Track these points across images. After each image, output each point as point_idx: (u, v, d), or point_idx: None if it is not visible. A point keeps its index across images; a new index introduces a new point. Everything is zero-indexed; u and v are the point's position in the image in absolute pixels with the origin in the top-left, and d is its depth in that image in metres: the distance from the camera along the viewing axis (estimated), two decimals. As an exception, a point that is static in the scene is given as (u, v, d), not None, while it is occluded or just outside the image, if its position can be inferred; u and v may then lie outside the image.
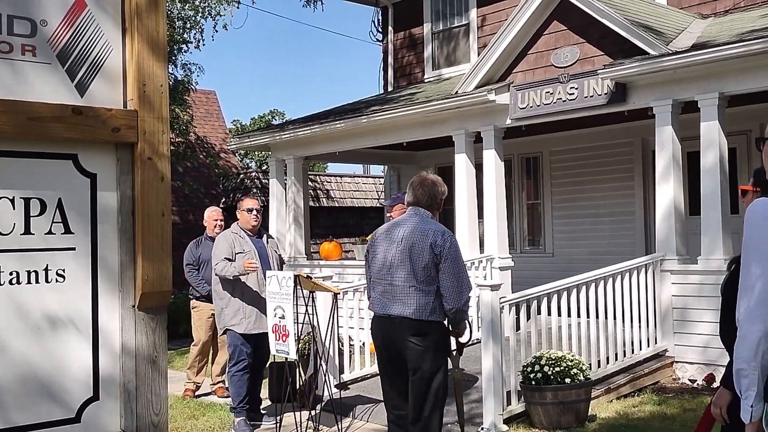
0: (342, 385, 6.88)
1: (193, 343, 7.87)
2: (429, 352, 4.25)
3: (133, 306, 2.48)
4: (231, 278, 6.24)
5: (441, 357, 4.34)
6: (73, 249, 2.43)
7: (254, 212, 6.47)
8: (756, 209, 2.40)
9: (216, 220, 7.82)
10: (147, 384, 2.47)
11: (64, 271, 2.40)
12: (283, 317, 5.87)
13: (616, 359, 7.02)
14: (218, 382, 7.79)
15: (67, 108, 2.38)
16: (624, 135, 10.31)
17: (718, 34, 7.81)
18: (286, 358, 6.14)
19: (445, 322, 4.41)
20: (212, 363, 7.94)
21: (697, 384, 7.09)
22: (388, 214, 6.01)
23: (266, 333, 6.17)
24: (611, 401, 6.59)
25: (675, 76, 7.56)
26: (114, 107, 2.49)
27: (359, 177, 20.46)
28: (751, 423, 2.37)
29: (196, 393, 7.84)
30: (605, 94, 8.15)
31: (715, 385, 6.69)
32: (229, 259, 6.25)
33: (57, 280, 2.39)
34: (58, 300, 2.39)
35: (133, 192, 2.50)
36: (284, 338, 5.87)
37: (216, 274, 6.35)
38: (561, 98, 8.54)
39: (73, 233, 2.43)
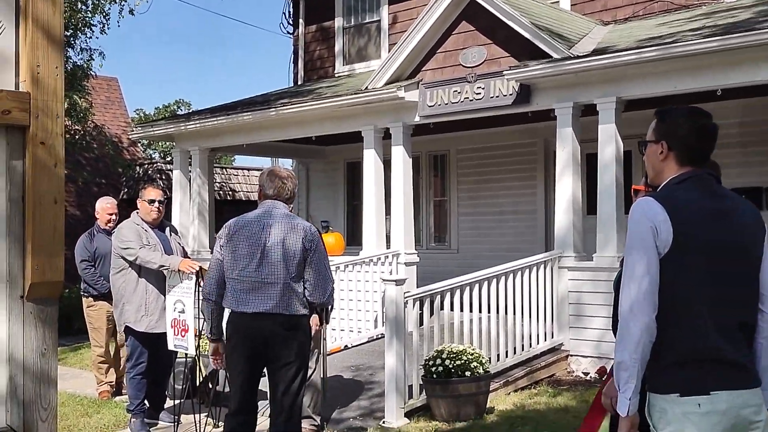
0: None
1: (94, 344, 7.45)
2: (301, 346, 4.29)
3: (22, 296, 2.37)
4: (153, 269, 5.93)
5: (308, 351, 4.47)
6: (-43, 235, 2.30)
7: (156, 203, 6.14)
8: (638, 208, 2.51)
9: (111, 214, 7.39)
10: (35, 378, 2.36)
11: (-55, 258, 2.27)
12: (183, 311, 5.72)
13: (515, 353, 7.23)
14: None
15: (-49, 87, 2.25)
16: (528, 135, 10.62)
17: (617, 40, 8.15)
18: (186, 355, 6.00)
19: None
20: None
21: (590, 376, 7.39)
22: None
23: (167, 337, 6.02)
24: (509, 393, 6.79)
25: (576, 80, 7.85)
26: (4, 88, 2.37)
27: (267, 170, 20.22)
28: (628, 416, 2.44)
29: (114, 393, 7.42)
30: (511, 94, 8.36)
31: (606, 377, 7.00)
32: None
33: (-63, 268, 2.26)
34: (-61, 289, 2.26)
35: (24, 177, 2.39)
36: (183, 333, 5.73)
37: (136, 262, 5.93)
38: (468, 97, 8.71)
39: (-43, 219, 2.30)
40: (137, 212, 6.22)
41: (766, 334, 2.52)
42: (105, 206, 7.46)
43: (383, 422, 5.92)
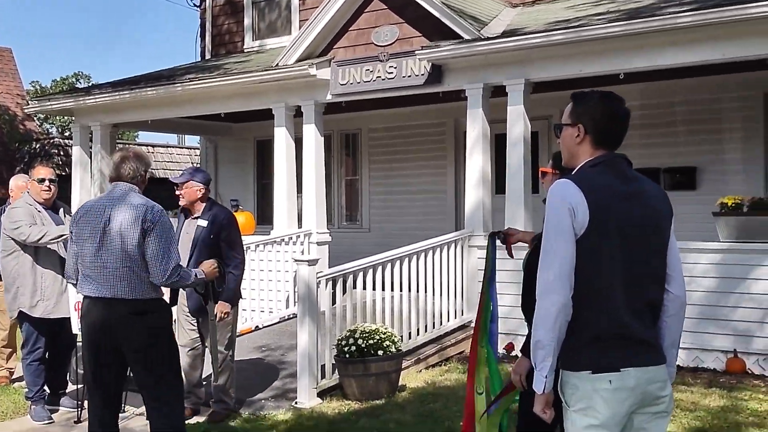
0: None
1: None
2: (153, 332, 4.03)
3: None
4: (50, 247, 5.68)
5: (164, 336, 4.14)
6: None
7: (46, 182, 5.82)
8: (555, 190, 2.56)
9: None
10: None
11: None
12: None
13: (426, 331, 7.31)
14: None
15: None
16: (439, 115, 10.70)
17: (526, 22, 8.28)
18: None
19: (166, 298, 4.37)
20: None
21: (498, 353, 7.56)
22: (177, 192, 5.68)
23: (66, 318, 5.76)
24: (420, 371, 6.86)
25: (486, 61, 7.94)
26: None
27: (173, 147, 19.69)
28: (543, 393, 2.52)
29: (12, 378, 7.04)
30: (422, 74, 8.38)
31: (514, 353, 7.18)
32: None
33: None
34: None
35: None
36: None
37: (28, 241, 5.65)
38: (380, 76, 8.68)
39: None
40: (28, 192, 5.89)
41: (671, 313, 2.63)
42: (21, 184, 6.96)
43: (296, 403, 5.88)
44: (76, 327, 5.62)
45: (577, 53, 7.44)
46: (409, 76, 8.49)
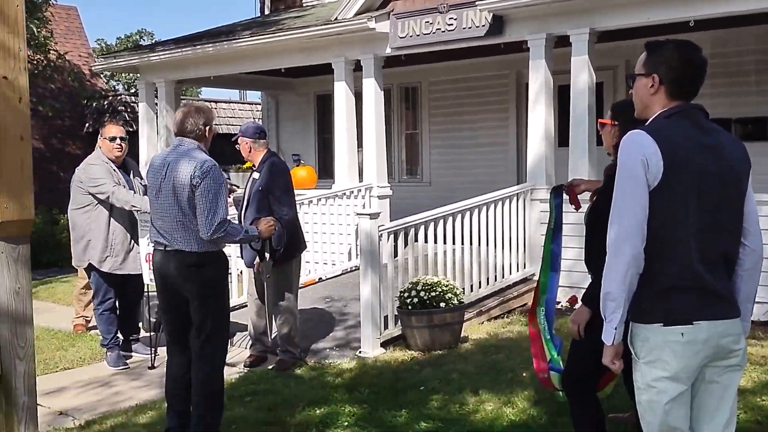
0: None
1: (80, 276, 7.35)
2: (204, 284, 4.13)
3: (-8, 235, 2.32)
4: (125, 208, 5.91)
5: (218, 289, 4.24)
6: None
7: (117, 141, 5.97)
8: (628, 141, 2.50)
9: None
10: (10, 318, 2.34)
11: None
12: None
13: (488, 283, 7.33)
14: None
15: None
16: (500, 67, 10.53)
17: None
18: None
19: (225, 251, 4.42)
20: None
21: (562, 305, 7.54)
22: (237, 147, 5.77)
23: (132, 275, 6.01)
24: (483, 323, 6.91)
25: (550, 10, 7.74)
26: (-38, 19, 2.26)
27: (235, 103, 19.90)
28: (612, 345, 2.51)
29: (89, 326, 7.37)
30: (483, 26, 8.24)
31: (578, 305, 7.15)
32: None
33: None
34: None
35: (-12, 113, 2.31)
36: None
37: (109, 200, 5.86)
38: (440, 28, 8.57)
39: None
40: (100, 148, 6.07)
41: (747, 267, 2.58)
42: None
43: (359, 352, 6.02)
44: (147, 277, 5.85)
45: (644, 0, 7.19)
46: (470, 28, 8.35)
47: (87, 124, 17.20)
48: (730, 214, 2.53)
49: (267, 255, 5.29)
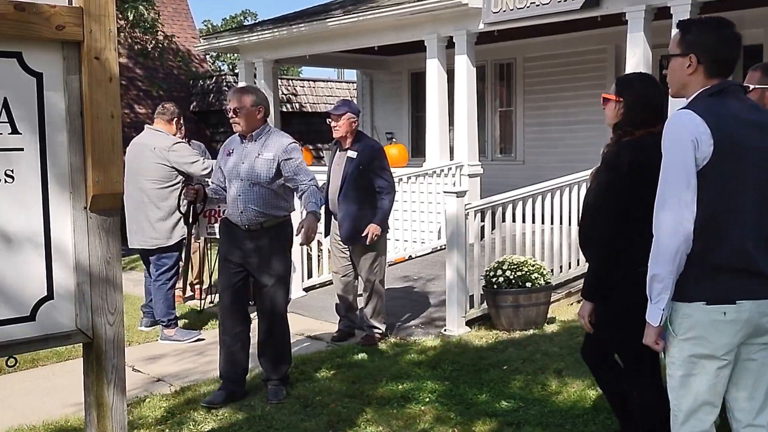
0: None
1: None
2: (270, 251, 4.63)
3: (85, 207, 2.47)
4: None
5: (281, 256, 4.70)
6: (22, 149, 2.39)
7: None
8: (678, 121, 2.46)
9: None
10: (101, 284, 2.49)
11: (13, 171, 2.37)
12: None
13: (578, 264, 7.18)
14: (196, 283, 7.70)
15: (8, 4, 2.29)
16: (598, 42, 10.21)
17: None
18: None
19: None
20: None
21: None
22: (333, 124, 5.73)
23: None
24: (571, 304, 6.79)
25: (650, -19, 7.44)
26: (58, 4, 2.40)
27: (332, 82, 20.17)
28: (658, 326, 2.51)
29: (185, 297, 7.53)
30: (579, -2, 8.01)
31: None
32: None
33: (6, 181, 2.37)
34: (9, 200, 2.37)
35: (81, 92, 2.45)
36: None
37: (204, 175, 6.00)
38: (534, 2, 8.39)
39: (21, 133, 2.39)
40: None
41: None
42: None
43: (444, 330, 6.05)
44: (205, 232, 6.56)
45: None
46: (565, 1, 8.13)
47: (193, 104, 17.85)
48: None
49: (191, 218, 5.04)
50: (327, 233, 6.01)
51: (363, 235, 5.56)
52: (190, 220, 4.93)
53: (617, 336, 3.17)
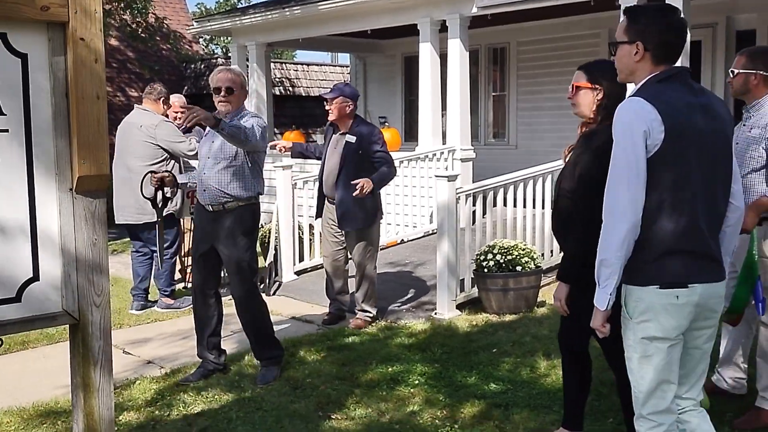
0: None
1: None
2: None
3: (71, 189, 2.46)
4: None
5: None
6: (6, 131, 2.38)
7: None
8: (629, 109, 2.50)
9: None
10: (87, 266, 2.49)
11: (-3, 153, 2.37)
12: None
13: (569, 249, 7.20)
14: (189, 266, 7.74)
15: (-9, -16, 2.28)
16: (591, 26, 10.19)
17: None
18: None
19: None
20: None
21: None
22: (327, 107, 5.72)
23: None
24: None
25: (643, -35, 7.41)
26: (42, -17, 2.38)
27: (326, 66, 20.08)
28: (605, 310, 2.57)
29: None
30: (572, -18, 7.98)
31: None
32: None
33: (-10, 162, 2.36)
34: (-7, 182, 2.37)
35: (66, 73, 2.44)
36: None
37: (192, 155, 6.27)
38: (528, -14, 8.36)
39: (5, 114, 2.38)
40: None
41: (730, 223, 2.65)
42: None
43: (435, 313, 6.07)
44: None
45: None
46: (559, -15, 8.11)
47: (186, 87, 17.77)
48: (725, 173, 2.58)
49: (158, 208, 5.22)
50: (319, 215, 6.01)
51: (353, 183, 5.47)
52: (159, 205, 5.02)
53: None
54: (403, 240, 8.76)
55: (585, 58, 11.18)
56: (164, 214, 6.09)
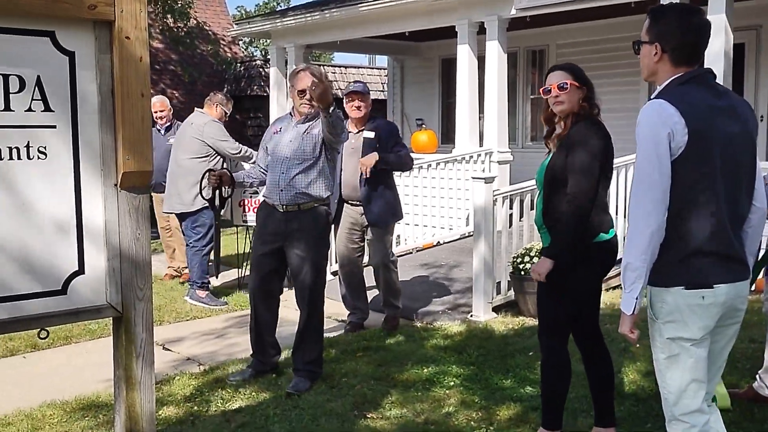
0: None
1: (164, 227, 7.87)
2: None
3: (115, 185, 2.51)
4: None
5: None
6: (54, 127, 2.44)
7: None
8: (651, 111, 2.51)
9: (155, 111, 7.58)
10: (131, 260, 2.54)
11: (45, 148, 2.42)
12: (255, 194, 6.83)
13: (608, 253, 7.11)
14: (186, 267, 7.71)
15: (41, -17, 2.34)
16: (632, 28, 10.01)
17: None
18: None
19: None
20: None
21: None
22: (358, 103, 5.64)
23: None
24: (603, 291, 6.72)
25: (686, -34, 7.30)
26: (90, -17, 2.44)
27: (364, 68, 20.15)
28: (633, 314, 2.56)
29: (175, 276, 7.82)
30: (613, -16, 7.90)
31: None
32: None
33: (39, 157, 2.42)
34: (41, 177, 2.42)
35: (112, 71, 2.49)
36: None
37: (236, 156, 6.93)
38: (568, -12, 8.30)
39: (54, 111, 2.44)
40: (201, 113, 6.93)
41: (753, 224, 2.64)
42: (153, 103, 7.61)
43: (471, 316, 6.05)
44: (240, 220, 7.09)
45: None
46: (599, -13, 8.03)
47: (225, 89, 17.97)
48: (749, 174, 2.57)
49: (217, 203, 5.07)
50: (337, 221, 5.73)
51: (364, 159, 5.46)
52: (217, 204, 4.98)
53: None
54: (439, 242, 8.74)
55: (625, 61, 11.14)
56: (200, 206, 6.53)
